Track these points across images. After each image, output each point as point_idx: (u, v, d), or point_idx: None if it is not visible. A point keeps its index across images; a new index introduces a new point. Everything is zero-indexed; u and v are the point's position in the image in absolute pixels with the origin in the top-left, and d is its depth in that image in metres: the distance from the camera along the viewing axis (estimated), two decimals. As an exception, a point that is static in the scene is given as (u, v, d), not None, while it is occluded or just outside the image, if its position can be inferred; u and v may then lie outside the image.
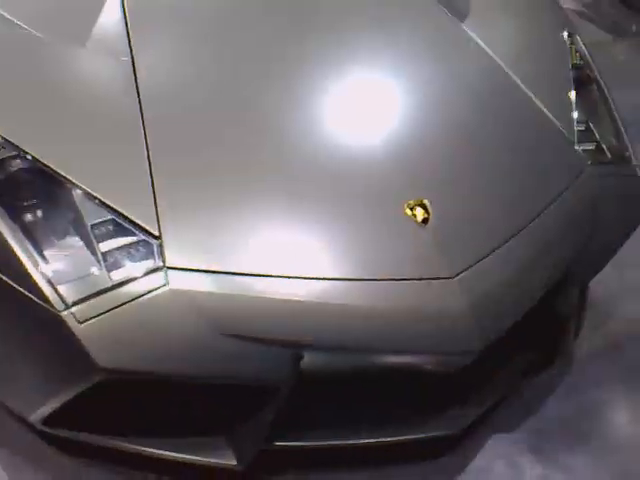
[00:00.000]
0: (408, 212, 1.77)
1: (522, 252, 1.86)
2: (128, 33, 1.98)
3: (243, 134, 1.85)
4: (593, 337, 2.27)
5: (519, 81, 2.18)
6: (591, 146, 2.15)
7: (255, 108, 1.91)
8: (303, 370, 1.68)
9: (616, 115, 2.27)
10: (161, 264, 1.62)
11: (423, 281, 1.71)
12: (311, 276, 1.67)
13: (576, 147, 2.12)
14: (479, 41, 2.27)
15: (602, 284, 2.31)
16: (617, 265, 2.22)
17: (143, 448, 1.77)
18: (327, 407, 1.86)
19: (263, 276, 1.64)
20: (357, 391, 1.86)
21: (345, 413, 1.87)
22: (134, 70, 1.89)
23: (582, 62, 2.34)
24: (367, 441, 1.83)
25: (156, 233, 1.64)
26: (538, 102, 2.16)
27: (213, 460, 1.77)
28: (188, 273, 1.62)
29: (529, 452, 1.95)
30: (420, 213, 1.78)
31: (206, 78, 1.96)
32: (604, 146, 2.18)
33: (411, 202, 1.79)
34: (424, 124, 2.00)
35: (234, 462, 1.76)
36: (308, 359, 1.68)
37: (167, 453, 1.77)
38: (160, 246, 1.64)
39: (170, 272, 1.61)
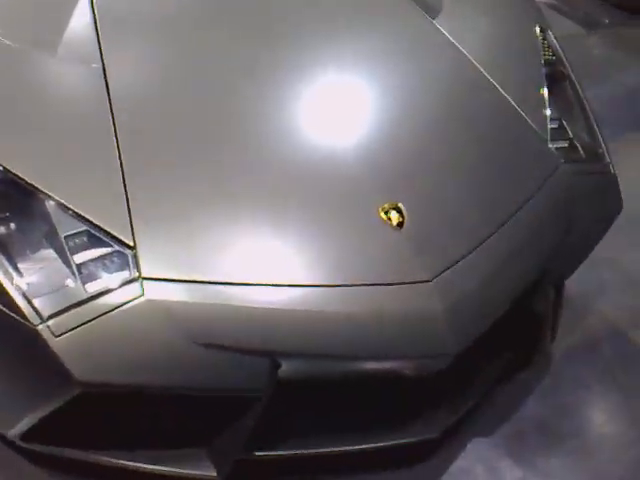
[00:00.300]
0: (383, 216, 1.77)
1: (498, 253, 1.86)
2: (99, 39, 1.96)
3: (217, 141, 1.84)
4: (570, 336, 2.28)
5: (492, 79, 2.18)
6: (564, 144, 2.15)
7: (228, 114, 1.89)
8: (281, 378, 1.68)
9: (589, 112, 2.28)
10: (136, 275, 1.61)
11: (399, 285, 1.71)
12: (287, 283, 1.66)
13: (549, 145, 2.12)
14: (451, 38, 2.26)
15: (578, 282, 2.31)
16: (592, 262, 2.23)
17: (122, 461, 1.76)
18: (306, 415, 1.86)
19: (239, 284, 1.64)
20: (336, 398, 1.86)
21: (324, 421, 1.87)
22: (105, 77, 1.87)
23: (554, 58, 2.34)
24: (347, 448, 1.83)
25: (131, 243, 1.63)
26: (511, 100, 2.15)
27: (192, 472, 1.76)
28: (164, 283, 1.61)
29: (508, 456, 1.95)
30: (395, 217, 1.77)
31: (179, 84, 1.94)
32: (577, 144, 2.18)
33: (386, 206, 1.78)
34: (397, 125, 1.99)
35: (214, 473, 1.75)
36: (286, 367, 1.68)
37: (146, 466, 1.75)
38: (135, 256, 1.62)
39: (146, 282, 1.60)
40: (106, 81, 1.86)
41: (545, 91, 2.21)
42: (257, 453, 1.78)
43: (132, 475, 1.77)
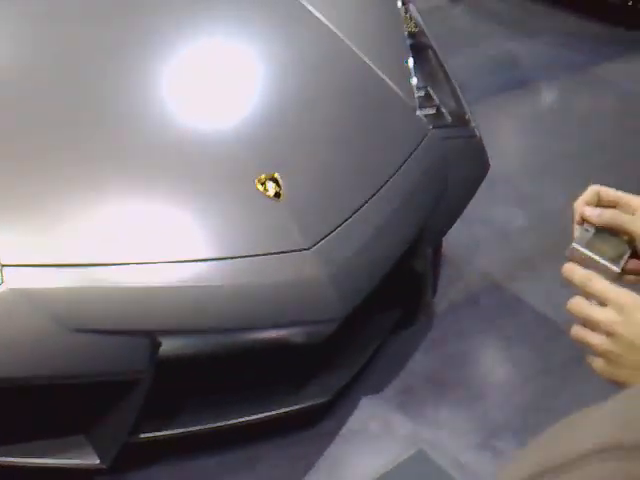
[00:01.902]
0: (260, 187, 1.76)
1: (375, 217, 1.89)
2: None
3: (79, 118, 1.78)
4: (452, 292, 2.34)
5: (359, 52, 2.21)
6: (432, 111, 2.22)
7: (93, 91, 1.84)
8: (163, 357, 1.64)
9: (452, 80, 2.35)
10: None
11: (279, 255, 1.71)
12: (164, 260, 1.62)
13: (418, 112, 2.17)
14: (318, 14, 2.28)
15: (454, 240, 2.39)
16: (465, 220, 2.30)
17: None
18: (193, 391, 1.82)
19: (109, 265, 1.58)
20: (222, 372, 1.85)
21: (213, 396, 1.84)
22: None
23: (417, 29, 2.40)
24: (238, 421, 1.81)
25: None
26: (379, 71, 2.19)
27: (74, 461, 1.68)
28: (26, 269, 1.53)
29: (399, 410, 1.98)
30: (272, 187, 1.77)
31: (33, 67, 1.87)
32: (444, 110, 2.25)
33: (262, 177, 1.78)
34: (270, 99, 2.00)
35: (97, 461, 1.68)
36: (168, 345, 1.63)
37: (25, 460, 1.66)
38: None
39: (6, 269, 1.52)
40: None
41: (410, 61, 2.27)
42: (142, 435, 1.72)
43: (8, 471, 1.67)
